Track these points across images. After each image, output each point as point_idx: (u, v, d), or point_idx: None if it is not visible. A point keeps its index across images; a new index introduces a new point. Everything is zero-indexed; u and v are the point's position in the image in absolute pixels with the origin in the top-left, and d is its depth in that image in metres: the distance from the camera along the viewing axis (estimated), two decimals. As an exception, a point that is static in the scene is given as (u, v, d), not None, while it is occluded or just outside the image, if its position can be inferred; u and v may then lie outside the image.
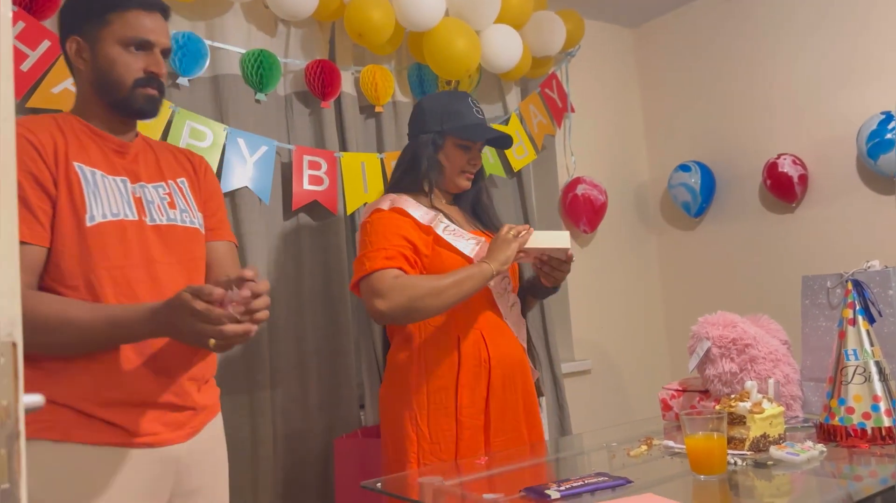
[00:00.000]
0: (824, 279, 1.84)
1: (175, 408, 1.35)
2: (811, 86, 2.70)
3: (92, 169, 1.33)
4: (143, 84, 1.36)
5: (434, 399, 1.74)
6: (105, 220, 1.30)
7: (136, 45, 1.35)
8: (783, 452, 1.46)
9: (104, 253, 1.29)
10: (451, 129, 1.81)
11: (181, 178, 1.46)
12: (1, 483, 0.66)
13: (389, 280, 1.66)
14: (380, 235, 1.72)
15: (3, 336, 0.67)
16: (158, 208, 1.39)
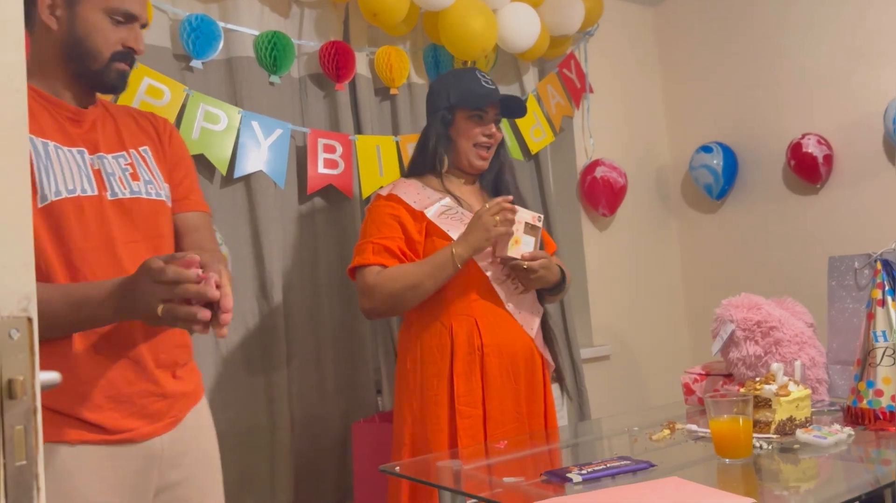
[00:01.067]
0: (851, 260, 1.80)
1: (148, 398, 1.26)
2: (836, 63, 2.64)
3: (44, 140, 1.22)
4: (120, 58, 1.28)
5: (427, 385, 1.73)
6: (59, 197, 1.19)
7: (122, 15, 1.26)
8: (810, 435, 1.43)
9: (60, 235, 1.19)
10: (458, 100, 1.78)
11: (144, 145, 1.36)
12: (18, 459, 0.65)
13: (372, 277, 1.70)
14: (372, 225, 1.76)
15: (17, 311, 0.66)
16: (120, 181, 1.28)
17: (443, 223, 1.74)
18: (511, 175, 1.91)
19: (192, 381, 1.36)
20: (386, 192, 1.79)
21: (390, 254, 1.72)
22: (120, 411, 1.23)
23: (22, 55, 0.69)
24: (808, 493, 1.27)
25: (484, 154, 1.81)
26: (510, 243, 1.68)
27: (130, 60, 1.31)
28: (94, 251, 1.22)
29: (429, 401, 1.72)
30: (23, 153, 0.68)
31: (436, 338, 1.73)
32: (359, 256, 1.73)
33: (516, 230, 1.68)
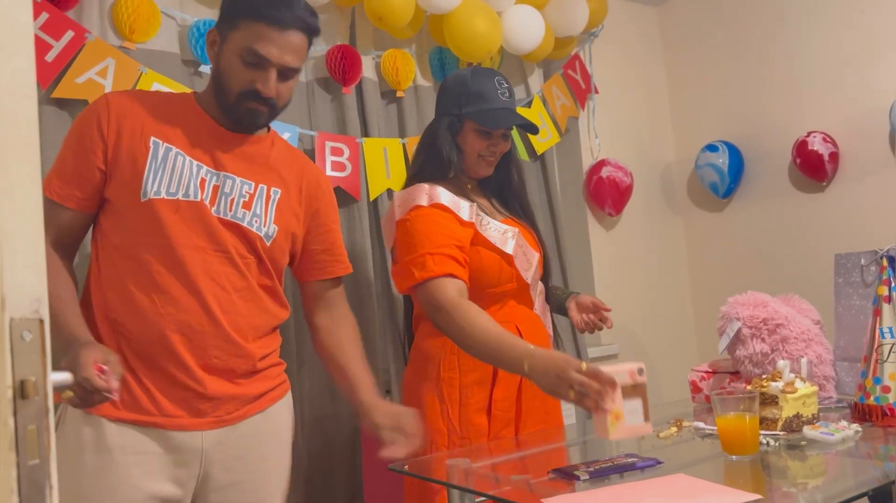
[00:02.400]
0: (858, 257, 1.80)
1: (189, 393, 1.33)
2: (841, 60, 2.63)
3: (167, 145, 1.36)
4: (249, 98, 1.37)
5: (466, 393, 1.69)
6: (158, 196, 1.33)
7: (252, 58, 1.34)
8: (817, 432, 1.43)
9: (151, 229, 1.32)
10: (470, 114, 1.71)
11: (277, 187, 1.46)
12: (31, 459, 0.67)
13: (450, 295, 1.57)
14: (424, 236, 1.63)
15: (29, 313, 0.67)
16: (231, 202, 1.39)
17: (489, 235, 1.70)
18: (519, 180, 1.87)
19: (258, 388, 1.42)
20: (427, 202, 1.68)
21: (454, 261, 1.62)
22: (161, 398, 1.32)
23: (31, 61, 0.70)
24: (815, 490, 1.27)
25: (490, 161, 1.78)
26: (609, 420, 1.27)
27: (263, 101, 1.38)
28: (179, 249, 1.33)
29: (469, 408, 1.68)
30: (33, 157, 0.69)
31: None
32: (420, 271, 1.60)
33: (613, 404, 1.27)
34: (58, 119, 1.80)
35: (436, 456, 1.63)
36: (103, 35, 1.88)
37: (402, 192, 1.75)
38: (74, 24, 1.81)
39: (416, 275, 1.61)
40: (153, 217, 1.33)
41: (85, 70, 1.81)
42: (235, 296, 1.39)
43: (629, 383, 1.27)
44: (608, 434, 1.26)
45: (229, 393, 1.37)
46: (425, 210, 1.67)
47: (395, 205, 1.73)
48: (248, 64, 1.35)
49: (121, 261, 1.33)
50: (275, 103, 1.39)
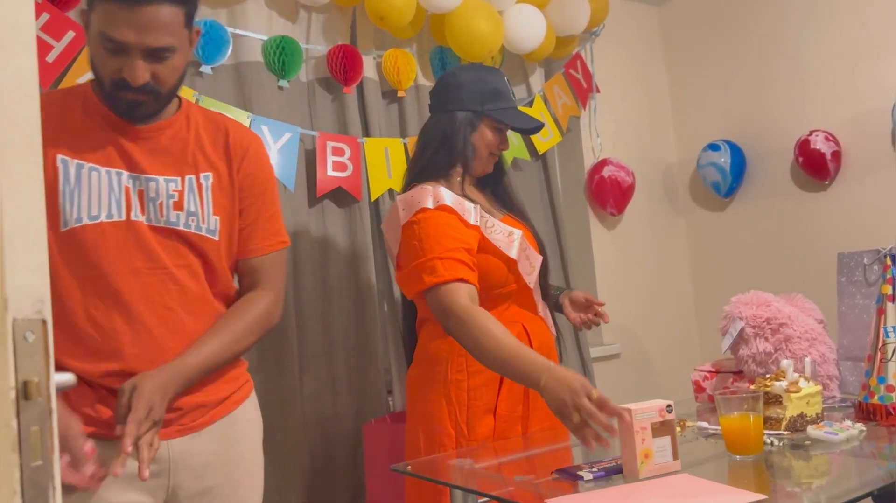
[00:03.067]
0: (861, 255, 1.80)
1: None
2: (843, 59, 2.62)
3: (78, 161, 1.21)
4: (121, 88, 1.20)
5: (474, 396, 1.67)
6: (80, 224, 1.20)
7: (108, 45, 1.17)
8: (821, 432, 1.43)
9: (77, 260, 1.20)
10: (493, 112, 1.70)
11: (206, 171, 1.31)
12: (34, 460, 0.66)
13: (463, 302, 1.54)
14: (432, 240, 1.60)
15: (32, 313, 0.67)
16: (160, 207, 1.26)
17: (493, 238, 1.68)
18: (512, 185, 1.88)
19: (221, 392, 1.34)
20: (432, 204, 1.64)
21: (464, 265, 1.59)
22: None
23: (33, 60, 0.70)
24: (819, 490, 1.26)
25: (491, 162, 1.79)
26: (639, 458, 1.25)
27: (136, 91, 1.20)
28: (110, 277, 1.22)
29: (477, 410, 1.67)
30: (36, 157, 0.69)
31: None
32: (430, 275, 1.57)
33: (642, 441, 1.25)
34: (59, 120, 1.80)
35: (439, 456, 1.63)
36: (104, 35, 1.87)
37: (405, 194, 1.71)
38: (75, 24, 1.81)
39: (425, 281, 1.58)
40: (79, 247, 1.20)
41: (86, 71, 1.80)
42: (184, 314, 1.28)
43: (658, 421, 1.27)
44: (638, 473, 1.24)
45: (192, 402, 1.30)
46: (431, 212, 1.63)
47: (398, 208, 1.70)
48: (109, 51, 1.18)
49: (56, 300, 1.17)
50: (153, 88, 1.21)
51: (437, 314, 1.59)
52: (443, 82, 1.78)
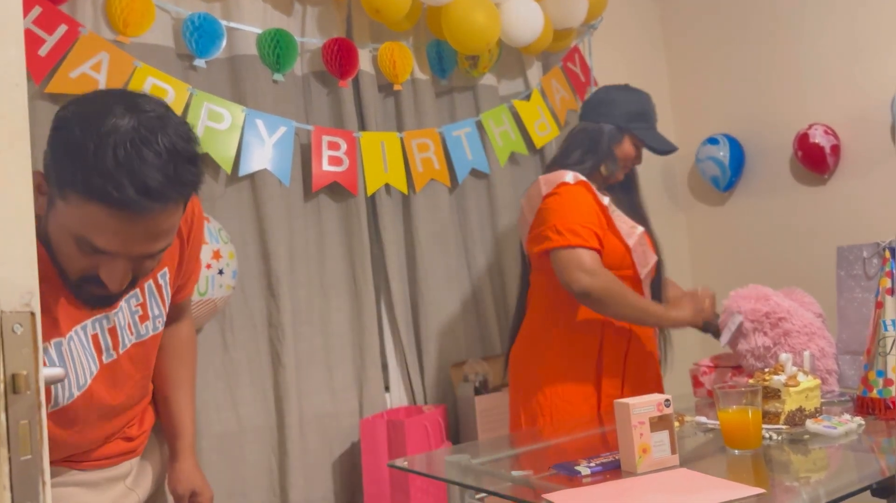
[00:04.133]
0: (860, 249, 1.79)
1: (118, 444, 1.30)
2: (842, 53, 2.61)
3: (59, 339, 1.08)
4: (92, 283, 1.04)
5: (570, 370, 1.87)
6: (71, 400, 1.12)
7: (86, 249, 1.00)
8: (820, 426, 1.42)
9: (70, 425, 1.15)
10: (636, 130, 1.96)
11: (164, 268, 1.22)
12: (24, 454, 0.66)
13: (598, 263, 1.79)
14: (572, 209, 1.84)
15: (20, 306, 0.66)
16: (129, 328, 1.18)
17: (618, 222, 1.90)
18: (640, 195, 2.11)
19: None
20: (573, 180, 1.88)
21: (594, 235, 1.82)
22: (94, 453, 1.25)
23: (21, 51, 0.69)
24: (818, 484, 1.26)
25: (624, 173, 2.02)
26: (637, 452, 1.26)
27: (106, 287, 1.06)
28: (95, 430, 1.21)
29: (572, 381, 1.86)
30: (24, 148, 0.68)
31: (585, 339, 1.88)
32: (572, 236, 1.79)
33: (640, 436, 1.26)
34: (51, 114, 1.77)
35: (435, 453, 1.62)
36: (97, 29, 1.86)
37: (547, 175, 1.94)
38: (68, 18, 1.79)
39: (566, 238, 1.79)
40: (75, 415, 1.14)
41: (79, 64, 1.79)
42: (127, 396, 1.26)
43: (656, 415, 1.28)
44: (636, 468, 1.25)
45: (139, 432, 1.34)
46: (571, 187, 1.87)
47: (540, 184, 1.92)
48: (85, 252, 1.00)
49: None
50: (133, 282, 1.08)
51: (571, 269, 1.78)
52: (597, 97, 2.06)
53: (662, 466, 1.27)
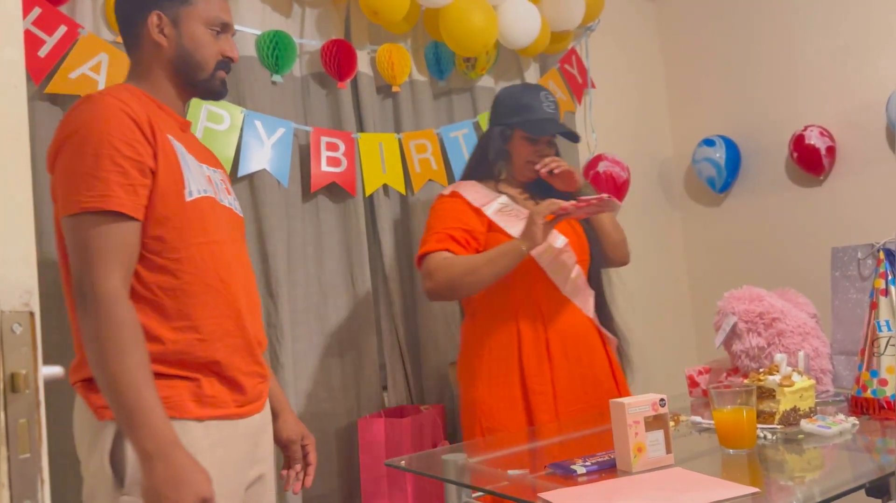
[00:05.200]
0: (855, 250, 1.80)
1: (257, 376, 1.36)
2: (838, 54, 2.63)
3: (178, 143, 1.31)
4: (221, 67, 1.39)
5: (496, 372, 1.84)
6: (200, 195, 1.30)
7: (219, 26, 1.37)
8: (814, 425, 1.43)
9: (201, 228, 1.29)
10: (518, 123, 1.91)
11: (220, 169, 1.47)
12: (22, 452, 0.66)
13: (437, 261, 1.81)
14: (436, 219, 1.88)
15: (19, 305, 0.67)
16: (227, 191, 1.42)
17: (500, 219, 1.87)
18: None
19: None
20: (448, 192, 1.93)
21: (454, 241, 1.83)
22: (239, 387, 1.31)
23: (21, 52, 0.70)
24: (812, 483, 1.26)
25: (533, 170, 1.93)
26: (632, 452, 1.26)
27: (228, 68, 1.41)
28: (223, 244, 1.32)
29: (497, 384, 1.83)
30: (23, 148, 0.69)
31: (503, 328, 1.85)
32: (423, 246, 1.85)
33: (635, 435, 1.27)
34: (51, 115, 1.79)
35: (432, 452, 1.63)
36: (96, 30, 1.87)
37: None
38: (67, 18, 1.80)
39: (419, 250, 1.85)
40: (200, 217, 1.29)
41: (78, 65, 1.80)
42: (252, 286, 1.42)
43: (651, 415, 1.28)
44: (631, 467, 1.26)
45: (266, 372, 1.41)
46: (445, 198, 1.92)
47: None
48: (217, 34, 1.37)
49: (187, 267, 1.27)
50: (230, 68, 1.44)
51: (423, 276, 1.83)
52: (493, 102, 2.03)
53: (658, 465, 1.28)
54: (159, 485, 1.10)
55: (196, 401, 1.24)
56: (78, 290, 1.18)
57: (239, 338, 1.32)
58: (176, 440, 1.14)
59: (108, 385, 1.14)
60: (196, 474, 1.13)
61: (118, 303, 1.16)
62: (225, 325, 1.29)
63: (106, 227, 1.18)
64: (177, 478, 1.11)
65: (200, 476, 1.14)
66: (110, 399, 1.15)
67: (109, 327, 1.15)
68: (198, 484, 1.13)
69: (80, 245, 1.18)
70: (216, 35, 1.37)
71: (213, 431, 1.26)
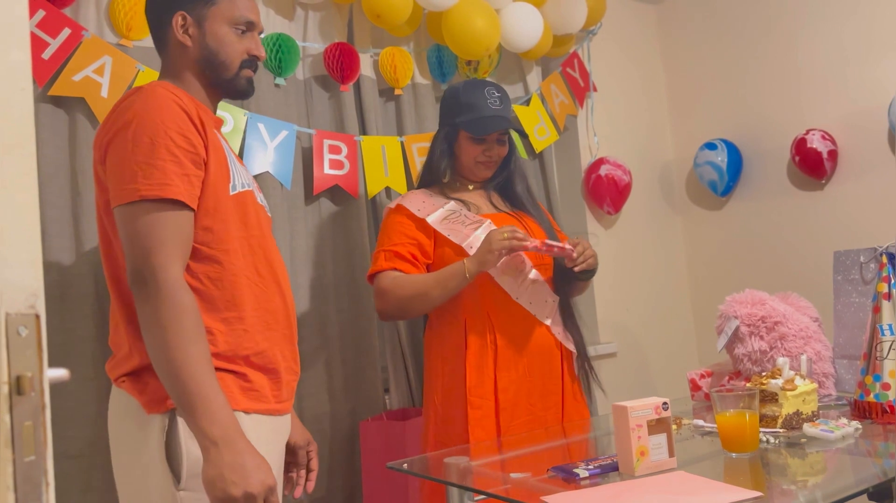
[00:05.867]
0: (857, 254, 1.80)
1: (293, 372, 1.38)
2: (840, 58, 2.63)
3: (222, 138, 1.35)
4: (247, 66, 1.40)
5: (447, 381, 1.80)
6: (243, 189, 1.33)
7: (244, 25, 1.38)
8: (817, 429, 1.43)
9: (244, 221, 1.31)
10: (461, 123, 1.85)
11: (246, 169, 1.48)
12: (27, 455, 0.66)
13: (387, 282, 1.79)
14: (384, 235, 1.86)
15: (25, 308, 0.67)
16: (258, 189, 1.43)
17: (445, 228, 1.82)
18: (522, 183, 1.97)
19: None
20: (394, 205, 1.90)
21: (401, 259, 1.81)
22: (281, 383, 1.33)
23: (27, 55, 0.70)
24: (815, 487, 1.26)
25: (485, 168, 1.90)
26: (634, 455, 1.26)
27: (255, 67, 1.43)
28: (264, 238, 1.35)
29: (449, 395, 1.79)
30: (29, 151, 0.69)
31: (453, 334, 1.80)
32: (373, 265, 1.84)
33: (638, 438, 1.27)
34: (54, 117, 1.80)
35: (437, 453, 1.63)
36: (100, 33, 1.87)
37: None
38: (71, 21, 1.80)
39: (370, 269, 1.85)
40: (244, 210, 1.32)
41: (82, 68, 1.80)
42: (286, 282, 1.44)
43: (654, 418, 1.28)
44: (633, 470, 1.26)
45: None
46: (390, 213, 1.89)
47: None
48: (240, 33, 1.38)
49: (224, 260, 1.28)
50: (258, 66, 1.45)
51: (374, 295, 1.83)
52: (440, 102, 1.96)
53: (660, 469, 1.28)
54: (225, 472, 1.09)
55: (244, 394, 1.25)
56: (138, 278, 1.17)
57: (281, 331, 1.34)
58: (239, 428, 1.14)
59: (172, 372, 1.13)
60: (261, 462, 1.13)
61: (182, 291, 1.17)
62: (267, 318, 1.31)
63: (165, 215, 1.18)
64: (244, 464, 1.10)
65: (265, 464, 1.14)
66: (173, 385, 1.14)
67: (174, 314, 1.14)
68: (264, 472, 1.12)
69: (140, 233, 1.18)
70: (241, 34, 1.38)
71: (257, 424, 1.26)
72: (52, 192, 1.77)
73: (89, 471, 1.70)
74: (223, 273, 1.26)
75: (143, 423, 1.21)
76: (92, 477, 1.71)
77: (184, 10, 1.36)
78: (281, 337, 1.34)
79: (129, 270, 1.19)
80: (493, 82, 1.93)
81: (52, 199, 1.76)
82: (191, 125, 1.24)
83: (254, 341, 1.29)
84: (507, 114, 1.87)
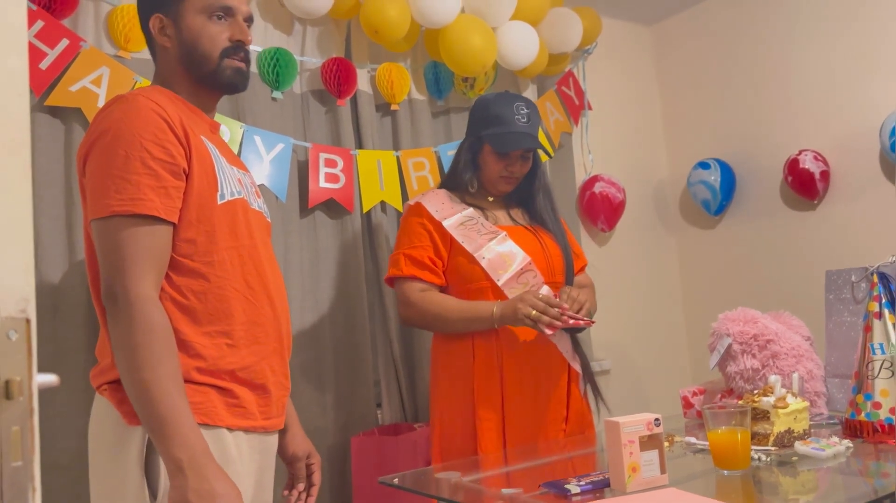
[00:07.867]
0: (849, 273, 1.81)
1: (283, 387, 1.34)
2: (832, 79, 2.66)
3: (211, 145, 1.29)
4: (230, 54, 1.31)
5: (451, 392, 1.80)
6: (233, 197, 1.28)
7: (219, 12, 1.31)
8: (808, 448, 1.43)
9: (233, 231, 1.27)
10: (487, 136, 1.85)
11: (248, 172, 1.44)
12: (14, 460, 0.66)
13: (415, 294, 1.80)
14: (403, 235, 1.87)
15: (15, 312, 0.67)
16: (255, 194, 1.39)
17: (460, 234, 1.82)
18: (545, 199, 1.95)
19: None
20: (413, 202, 1.90)
21: (421, 267, 1.82)
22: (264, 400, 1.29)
23: (24, 61, 0.70)
24: (806, 505, 1.26)
25: (506, 183, 1.89)
26: (626, 471, 1.25)
27: (244, 54, 1.33)
28: (254, 248, 1.31)
29: (454, 405, 1.79)
30: (24, 156, 0.69)
31: (461, 347, 1.80)
32: (394, 267, 1.85)
33: (630, 454, 1.26)
34: (51, 127, 1.80)
35: (426, 469, 1.62)
36: (98, 44, 1.88)
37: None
38: (70, 32, 1.81)
39: (396, 268, 1.84)
40: (233, 219, 1.27)
41: (79, 78, 1.81)
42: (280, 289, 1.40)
43: (646, 434, 1.27)
44: (625, 487, 1.25)
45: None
46: (410, 210, 1.90)
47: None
48: (217, 19, 1.31)
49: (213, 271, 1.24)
50: (249, 56, 1.36)
51: (400, 302, 1.85)
52: (470, 110, 1.95)
53: (652, 485, 1.27)
54: (191, 497, 1.06)
55: (228, 410, 1.22)
56: (108, 295, 1.15)
57: (271, 345, 1.30)
58: (207, 451, 1.11)
59: (139, 393, 1.10)
60: (228, 487, 1.09)
61: (151, 309, 1.13)
62: (256, 331, 1.27)
63: (137, 230, 1.15)
64: (211, 490, 1.07)
65: (234, 490, 1.10)
66: (140, 407, 1.11)
67: (141, 334, 1.11)
68: (232, 498, 1.09)
69: (111, 249, 1.15)
70: (219, 20, 1.31)
71: (241, 442, 1.23)
72: (46, 203, 1.77)
73: (78, 482, 1.69)
74: (208, 286, 1.22)
75: (122, 434, 1.18)
76: (81, 488, 1.69)
77: (159, 11, 1.32)
78: (270, 351, 1.29)
79: (101, 286, 1.17)
80: (524, 97, 1.92)
81: (46, 210, 1.76)
82: (170, 134, 1.19)
83: (240, 355, 1.24)
84: (534, 131, 1.87)
